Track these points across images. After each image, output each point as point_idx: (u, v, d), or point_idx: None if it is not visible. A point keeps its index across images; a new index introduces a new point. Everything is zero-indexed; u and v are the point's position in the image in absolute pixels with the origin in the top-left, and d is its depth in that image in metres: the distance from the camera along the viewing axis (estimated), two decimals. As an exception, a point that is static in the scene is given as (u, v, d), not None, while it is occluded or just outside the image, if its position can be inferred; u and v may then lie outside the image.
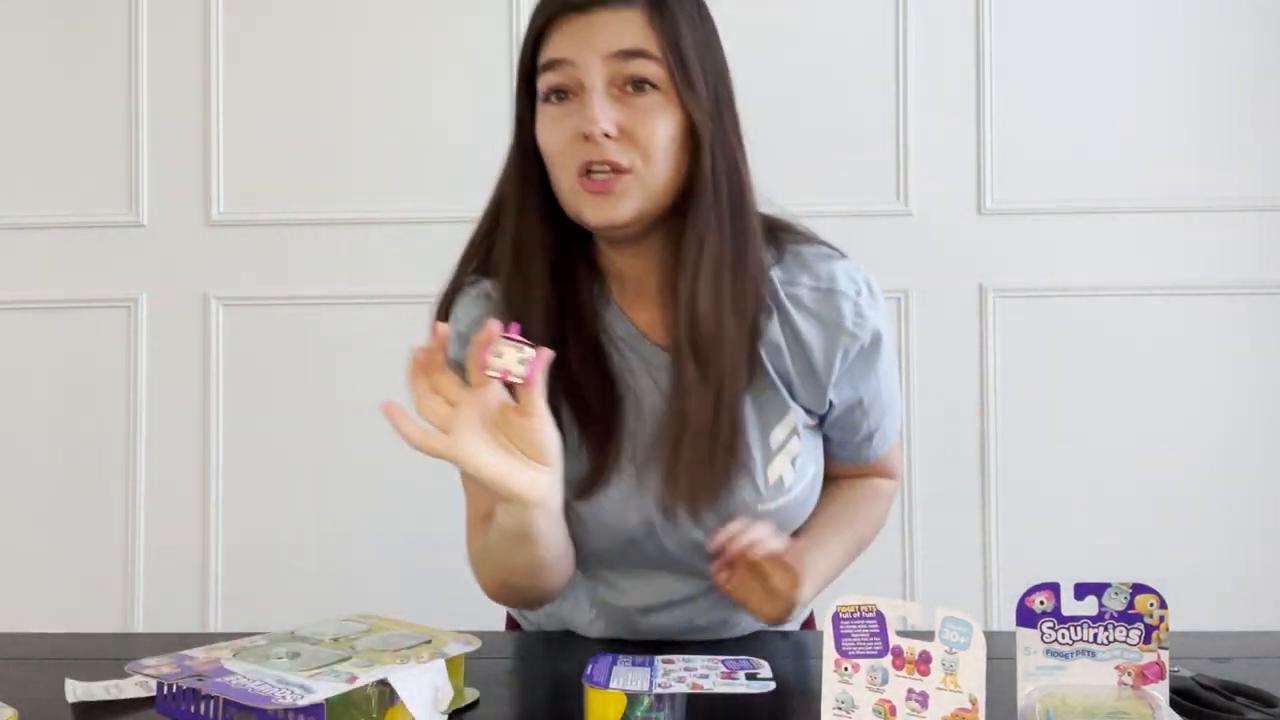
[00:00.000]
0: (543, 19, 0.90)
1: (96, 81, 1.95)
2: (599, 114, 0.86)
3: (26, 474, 1.95)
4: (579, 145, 0.87)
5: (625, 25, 0.88)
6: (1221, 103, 1.90)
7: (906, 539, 1.89)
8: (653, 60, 0.88)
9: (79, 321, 1.95)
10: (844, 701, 0.70)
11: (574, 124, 0.88)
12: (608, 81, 0.88)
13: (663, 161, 0.89)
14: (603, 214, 0.88)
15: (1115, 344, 1.89)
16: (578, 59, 0.88)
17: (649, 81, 0.88)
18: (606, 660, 0.81)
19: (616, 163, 0.87)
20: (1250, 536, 1.88)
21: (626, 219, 0.89)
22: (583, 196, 0.89)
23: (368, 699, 0.75)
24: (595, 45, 0.87)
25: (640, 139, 0.88)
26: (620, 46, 0.87)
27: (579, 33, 0.88)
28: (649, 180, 0.89)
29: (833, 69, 1.91)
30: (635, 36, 0.87)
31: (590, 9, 0.88)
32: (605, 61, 0.87)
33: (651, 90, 0.88)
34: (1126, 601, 0.70)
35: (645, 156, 0.88)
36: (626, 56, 0.87)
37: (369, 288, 1.93)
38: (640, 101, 0.88)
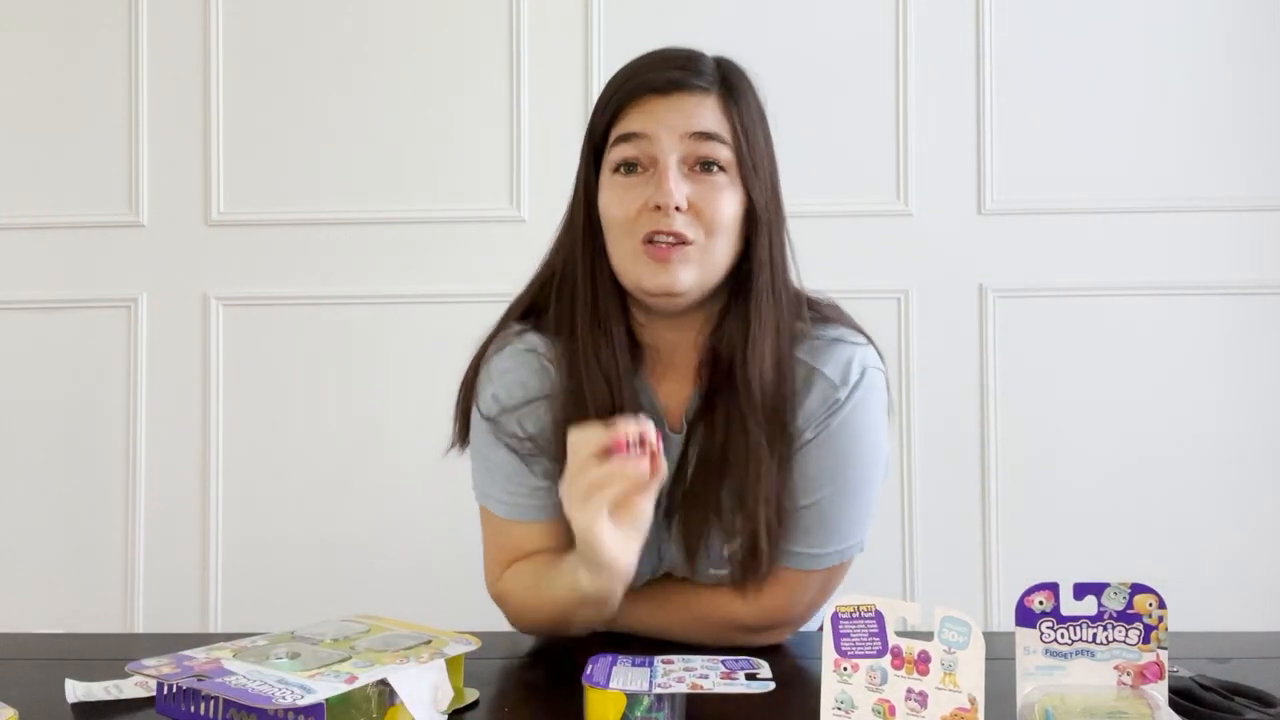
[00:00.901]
0: (622, 97, 0.95)
1: (96, 81, 1.95)
2: (674, 188, 0.91)
3: (26, 474, 1.95)
4: (647, 215, 0.92)
5: (702, 109, 0.94)
6: (1221, 103, 1.90)
7: (906, 539, 1.89)
8: (724, 144, 0.94)
9: (79, 321, 1.95)
10: (843, 701, 0.70)
11: (644, 195, 0.93)
12: (681, 159, 0.93)
13: (724, 239, 0.94)
14: (662, 281, 0.92)
15: (1115, 344, 1.89)
16: (655, 135, 0.93)
17: (718, 163, 0.94)
18: (606, 660, 0.81)
19: (683, 234, 0.92)
20: (1250, 536, 1.88)
21: (685, 288, 0.93)
22: (644, 262, 0.93)
23: (368, 699, 0.75)
24: (674, 124, 0.93)
25: (707, 215, 0.93)
26: (697, 128, 0.93)
27: (657, 112, 0.94)
28: (709, 255, 0.93)
29: (833, 69, 1.91)
30: (710, 120, 0.94)
31: (670, 92, 0.94)
32: (682, 140, 0.93)
33: (719, 171, 0.94)
34: (1125, 601, 0.70)
35: (709, 232, 0.93)
36: (702, 138, 0.93)
37: (369, 288, 1.93)
38: (709, 180, 0.94)
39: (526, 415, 0.99)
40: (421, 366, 1.92)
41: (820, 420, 0.96)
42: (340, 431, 1.93)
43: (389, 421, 1.92)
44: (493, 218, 1.93)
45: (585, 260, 0.99)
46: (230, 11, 1.95)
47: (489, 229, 1.93)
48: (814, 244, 1.89)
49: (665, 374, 1.01)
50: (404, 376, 1.92)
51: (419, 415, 1.92)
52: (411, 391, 1.92)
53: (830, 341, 0.99)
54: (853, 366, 0.97)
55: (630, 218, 0.93)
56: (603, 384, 0.96)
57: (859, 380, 0.97)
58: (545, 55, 1.93)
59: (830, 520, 0.97)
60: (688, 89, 0.94)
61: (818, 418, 0.96)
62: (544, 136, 1.93)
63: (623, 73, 0.98)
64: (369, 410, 1.93)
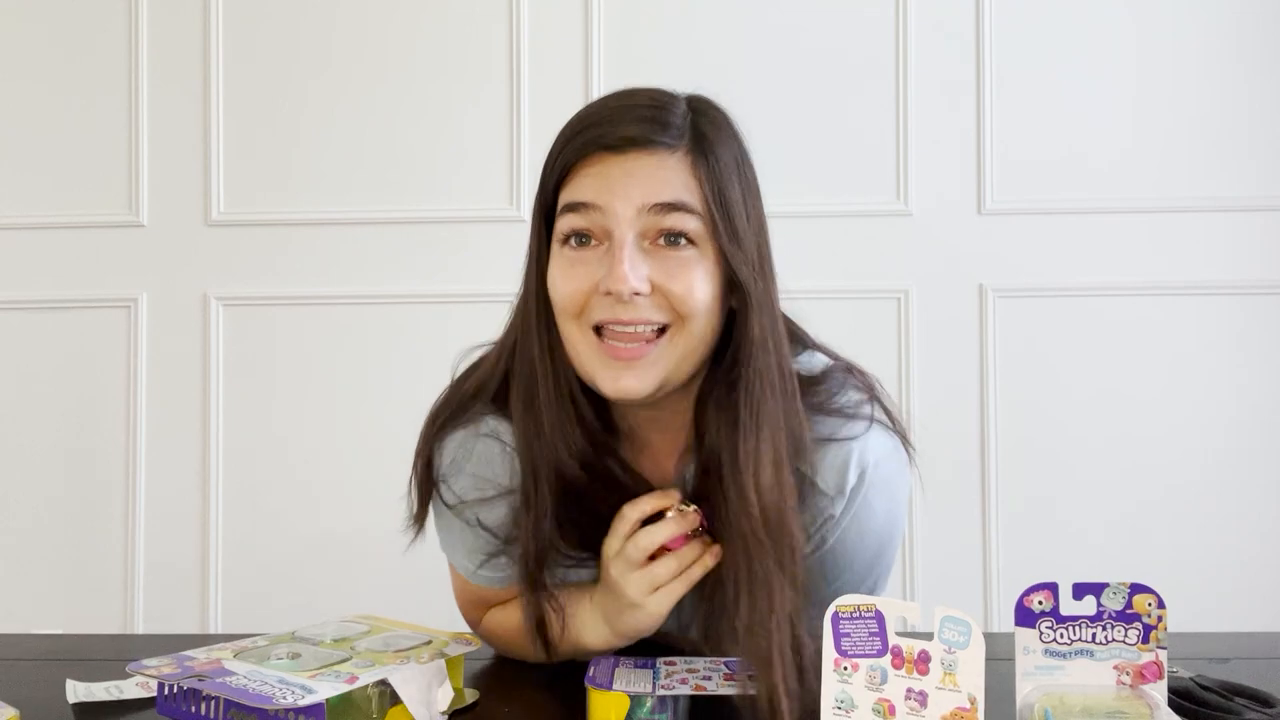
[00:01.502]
0: (570, 154, 0.80)
1: (96, 81, 1.95)
2: (629, 270, 0.76)
3: (27, 474, 1.95)
4: (598, 300, 0.78)
5: (665, 173, 0.77)
6: (1221, 103, 1.90)
7: (906, 539, 1.89)
8: (692, 214, 0.77)
9: (79, 321, 1.95)
10: (843, 701, 0.70)
11: (596, 275, 0.78)
12: (640, 234, 0.78)
13: (699, 323, 0.78)
14: (622, 386, 0.78)
15: (1115, 344, 1.89)
16: (607, 206, 0.77)
17: (686, 235, 0.78)
18: (609, 662, 0.81)
19: (648, 322, 0.77)
20: (1250, 536, 1.88)
21: (649, 391, 0.78)
22: (599, 360, 0.78)
23: (368, 699, 0.75)
24: (630, 194, 0.77)
25: (676, 296, 0.77)
26: (659, 199, 0.77)
27: (611, 176, 0.78)
28: (683, 344, 0.78)
29: (833, 69, 1.91)
30: (676, 187, 0.77)
31: (627, 150, 0.78)
32: (640, 213, 0.77)
33: (688, 245, 0.78)
34: (1125, 601, 0.70)
35: (681, 317, 0.78)
36: (665, 210, 0.77)
37: (369, 288, 1.93)
38: (674, 255, 0.78)
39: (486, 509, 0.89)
40: (421, 366, 1.92)
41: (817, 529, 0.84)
42: (340, 431, 1.93)
43: (389, 421, 1.92)
44: (493, 218, 1.93)
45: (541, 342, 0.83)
46: (230, 11, 1.95)
47: (489, 229, 1.93)
48: (814, 244, 1.91)
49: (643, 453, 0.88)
50: (404, 376, 1.92)
51: (419, 415, 1.91)
52: (411, 391, 1.90)
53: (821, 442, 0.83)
54: (849, 472, 0.83)
55: (578, 302, 0.79)
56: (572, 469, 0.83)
57: (857, 485, 0.83)
58: (545, 55, 1.93)
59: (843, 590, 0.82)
60: (648, 147, 0.78)
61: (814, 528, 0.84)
62: (544, 137, 1.91)
63: (574, 121, 0.83)
64: (369, 410, 1.93)
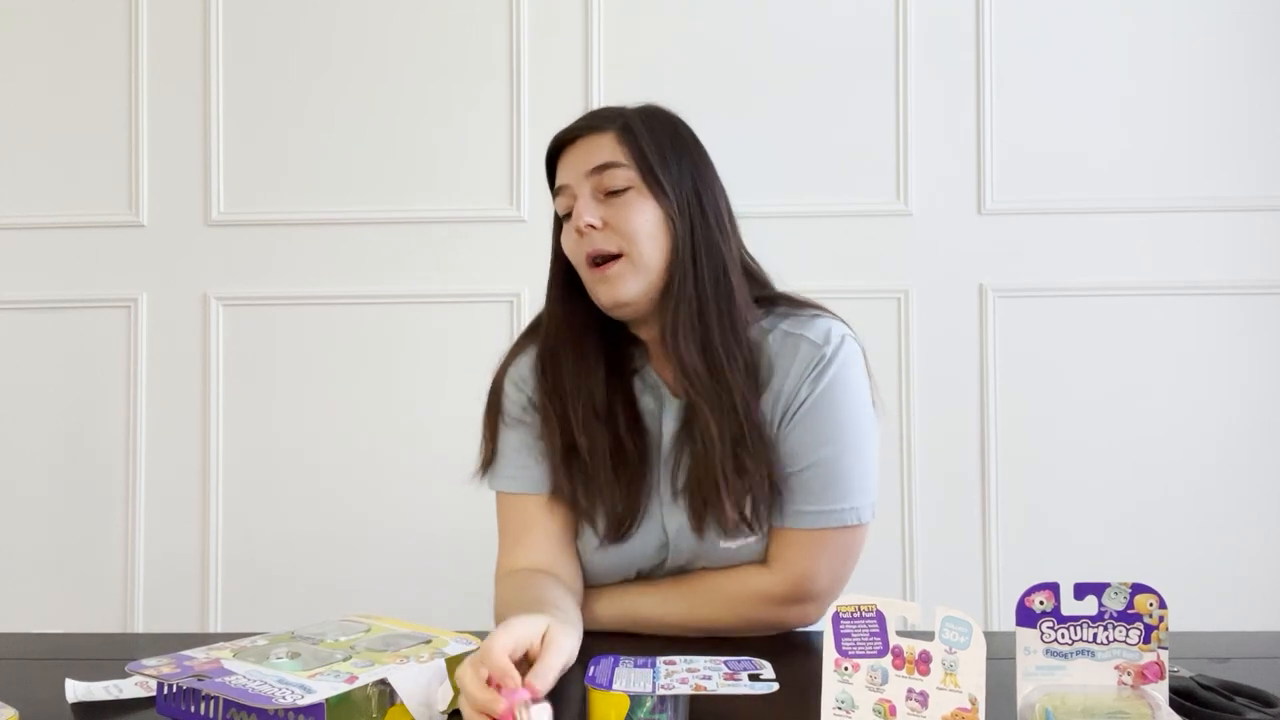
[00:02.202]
0: (549, 158, 1.13)
1: (96, 81, 1.95)
2: (584, 212, 1.06)
3: (26, 474, 1.95)
4: (579, 242, 1.06)
5: (599, 146, 1.07)
6: (1221, 103, 1.90)
7: (906, 539, 1.89)
8: (623, 168, 1.06)
9: (79, 321, 1.95)
10: (844, 701, 0.70)
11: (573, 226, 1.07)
12: (592, 191, 1.07)
13: (648, 245, 1.05)
14: (608, 294, 1.05)
15: (1115, 344, 1.89)
16: (571, 181, 1.08)
17: (621, 186, 1.06)
18: (609, 662, 0.81)
19: (605, 250, 1.05)
20: (1250, 536, 1.88)
21: (628, 298, 1.05)
22: (594, 282, 1.06)
23: (368, 699, 0.75)
24: (578, 167, 1.08)
25: (621, 228, 1.05)
26: (594, 163, 1.07)
27: (570, 160, 1.10)
28: (639, 262, 1.05)
29: (833, 69, 1.91)
30: (606, 152, 1.07)
31: (576, 139, 1.10)
32: (587, 177, 1.07)
33: (627, 192, 1.06)
34: (1126, 601, 0.70)
35: (629, 241, 1.05)
36: (600, 170, 1.06)
37: (369, 288, 1.93)
38: (618, 200, 1.06)
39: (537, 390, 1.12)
40: (421, 366, 1.92)
41: (811, 378, 1.04)
42: (340, 431, 1.93)
43: (389, 421, 1.92)
44: (493, 218, 1.93)
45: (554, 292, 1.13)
46: (230, 11, 1.95)
47: (489, 229, 1.93)
48: (814, 244, 1.91)
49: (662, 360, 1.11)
50: (404, 376, 1.92)
51: (419, 415, 1.92)
52: (411, 391, 1.92)
53: (811, 317, 1.09)
54: (833, 333, 1.07)
55: (573, 250, 1.08)
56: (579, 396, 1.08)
57: (840, 344, 1.06)
58: (545, 56, 1.93)
59: (834, 477, 1.04)
60: (586, 134, 1.09)
61: (807, 375, 1.05)
62: (544, 137, 1.92)
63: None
64: (369, 410, 1.93)
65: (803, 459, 1.04)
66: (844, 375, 1.05)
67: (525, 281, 1.92)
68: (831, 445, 1.04)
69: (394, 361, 1.93)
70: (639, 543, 1.08)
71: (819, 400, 1.04)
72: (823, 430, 1.04)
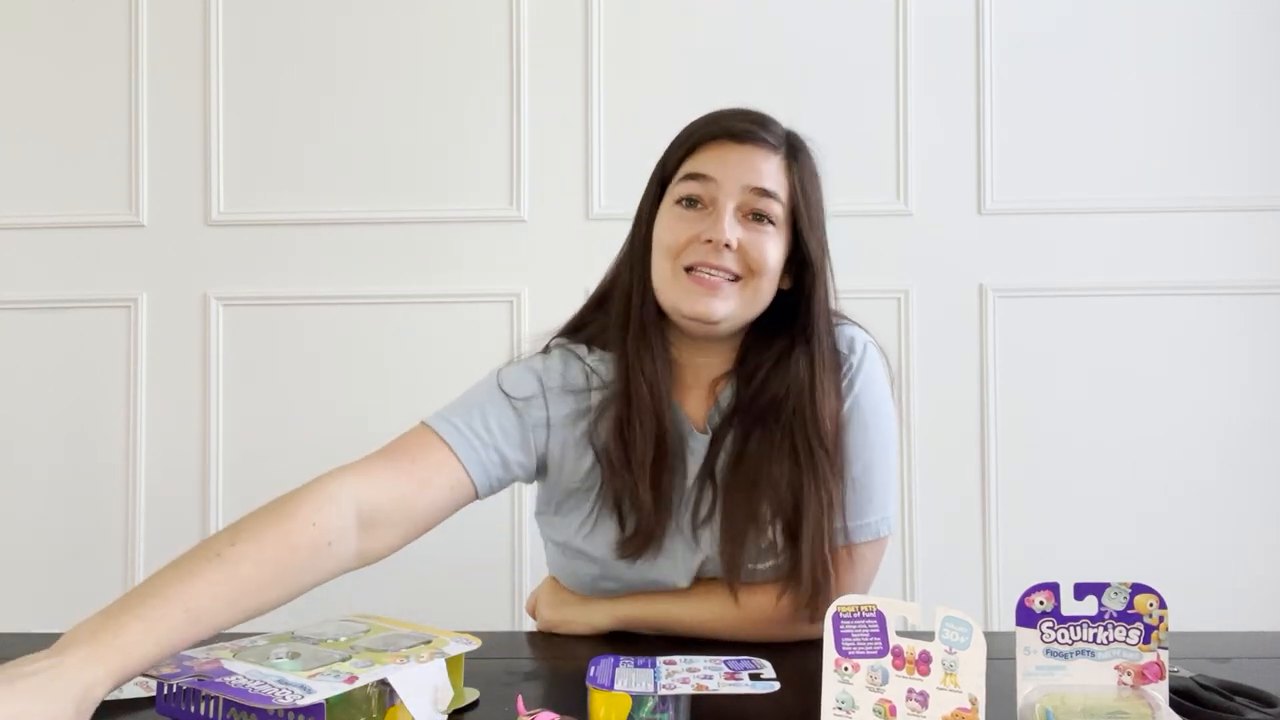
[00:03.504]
0: (699, 137, 1.05)
1: (96, 81, 1.95)
2: (728, 228, 1.01)
3: (27, 474, 1.95)
4: (696, 246, 1.02)
5: (767, 165, 1.03)
6: (1221, 103, 1.90)
7: (907, 539, 1.89)
8: (779, 202, 1.03)
9: (79, 321, 1.95)
10: (844, 701, 0.70)
11: (698, 229, 1.02)
12: (738, 206, 1.02)
13: (766, 281, 1.03)
14: (701, 308, 1.01)
15: (1115, 344, 1.89)
16: (721, 180, 1.02)
17: (770, 217, 1.03)
18: (609, 661, 0.81)
19: (730, 270, 1.01)
20: (1250, 536, 1.88)
21: (720, 317, 1.02)
22: (685, 287, 1.02)
23: (368, 699, 0.75)
24: (739, 174, 1.02)
25: (753, 257, 1.02)
26: (759, 184, 1.02)
27: (728, 158, 1.03)
28: (751, 293, 1.03)
29: (833, 69, 1.91)
30: (772, 179, 1.03)
31: (744, 141, 1.03)
32: (743, 190, 1.02)
33: (769, 224, 1.03)
34: (1126, 601, 0.70)
35: (754, 272, 1.02)
36: (760, 194, 1.02)
37: (369, 288, 1.93)
38: (758, 228, 1.03)
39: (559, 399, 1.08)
40: (421, 366, 1.92)
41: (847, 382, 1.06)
42: (340, 431, 1.93)
43: (389, 421, 1.91)
44: (493, 218, 1.93)
45: (639, 278, 1.07)
46: (230, 11, 1.95)
47: (489, 229, 1.93)
48: (814, 244, 1.90)
49: (689, 389, 1.10)
50: (404, 376, 1.92)
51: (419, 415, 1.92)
52: (411, 391, 1.92)
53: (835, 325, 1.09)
54: (856, 340, 1.08)
55: (679, 245, 1.02)
56: (645, 386, 1.04)
57: (863, 351, 1.07)
58: (545, 55, 1.93)
59: (866, 491, 1.05)
60: (758, 143, 1.03)
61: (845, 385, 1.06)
62: (544, 136, 1.93)
63: (704, 117, 1.07)
64: (369, 410, 1.92)
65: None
66: (870, 386, 1.07)
67: (525, 281, 1.92)
68: (861, 460, 1.04)
69: (394, 361, 1.93)
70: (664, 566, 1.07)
71: (850, 415, 1.05)
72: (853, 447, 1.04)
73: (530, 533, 1.89)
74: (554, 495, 1.11)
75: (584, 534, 1.08)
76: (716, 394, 1.09)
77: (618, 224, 1.88)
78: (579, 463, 1.08)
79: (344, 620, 0.89)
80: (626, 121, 1.91)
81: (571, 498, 1.09)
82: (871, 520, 1.05)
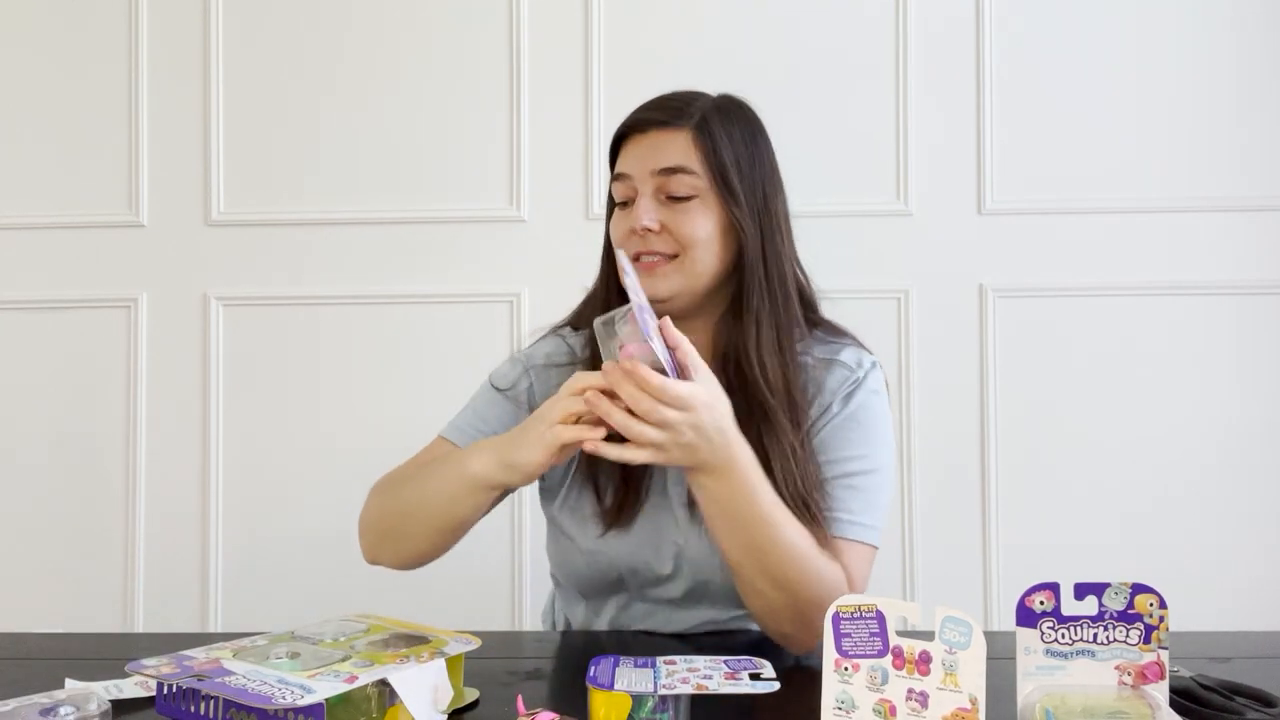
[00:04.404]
0: (615, 139, 1.11)
1: (96, 81, 1.95)
2: (643, 214, 1.05)
3: (26, 474, 1.95)
4: (632, 239, 1.06)
5: (672, 145, 1.06)
6: (1221, 103, 1.90)
7: (906, 539, 1.89)
8: (692, 174, 1.05)
9: (79, 321, 1.95)
10: (844, 701, 0.70)
11: (629, 223, 1.07)
12: (655, 191, 1.06)
13: (702, 252, 1.05)
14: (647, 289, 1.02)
15: (1115, 344, 1.89)
16: (634, 173, 1.07)
17: (686, 193, 1.05)
18: (609, 661, 0.81)
19: (658, 251, 1.05)
20: (1250, 536, 1.88)
21: (667, 295, 1.05)
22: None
23: (368, 699, 0.75)
24: (646, 162, 1.06)
25: (679, 234, 1.05)
26: (665, 164, 1.05)
27: (637, 151, 1.08)
28: (689, 268, 1.05)
29: (833, 69, 1.91)
30: (679, 155, 1.05)
31: (648, 129, 1.08)
32: (653, 176, 1.06)
33: (690, 199, 1.05)
34: (1126, 601, 0.70)
35: (684, 247, 1.05)
36: (668, 173, 1.05)
37: (369, 288, 1.93)
38: (680, 206, 1.06)
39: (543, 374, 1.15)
40: (422, 366, 1.92)
41: (843, 395, 1.08)
42: (340, 431, 1.93)
43: (389, 421, 1.92)
44: (493, 218, 1.93)
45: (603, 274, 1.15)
46: (230, 11, 1.95)
47: (489, 229, 1.93)
48: (814, 244, 1.88)
49: None
50: (404, 376, 1.92)
51: (419, 414, 1.91)
52: (411, 391, 1.92)
53: (844, 344, 1.14)
54: (864, 359, 1.12)
55: (621, 242, 1.08)
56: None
57: (870, 370, 1.11)
58: (545, 55, 1.93)
59: (865, 492, 1.05)
60: (659, 127, 1.07)
61: (840, 393, 1.08)
62: (544, 136, 1.93)
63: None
64: (369, 410, 1.93)
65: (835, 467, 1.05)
66: (872, 401, 1.09)
67: (525, 281, 1.92)
68: (860, 461, 1.06)
69: (394, 361, 1.93)
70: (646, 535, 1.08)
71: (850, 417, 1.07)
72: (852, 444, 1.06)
73: (530, 533, 1.89)
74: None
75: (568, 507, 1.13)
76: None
77: (618, 224, 1.90)
78: None
79: (344, 620, 0.89)
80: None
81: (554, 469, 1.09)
82: (866, 523, 1.04)
